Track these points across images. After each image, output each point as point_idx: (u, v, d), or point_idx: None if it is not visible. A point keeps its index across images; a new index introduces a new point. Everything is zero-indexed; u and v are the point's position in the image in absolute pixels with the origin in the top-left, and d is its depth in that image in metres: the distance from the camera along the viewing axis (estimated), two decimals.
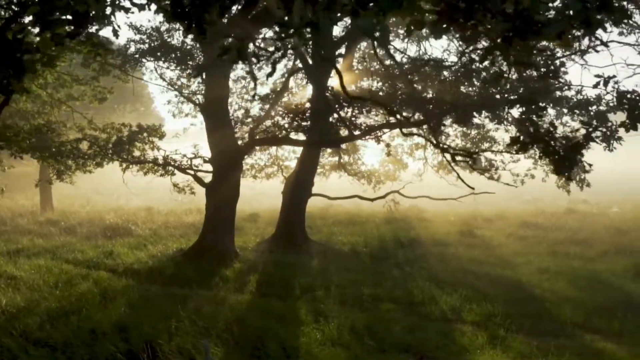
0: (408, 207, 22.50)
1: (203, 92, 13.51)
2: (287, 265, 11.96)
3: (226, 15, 11.20)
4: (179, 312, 7.67)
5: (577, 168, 15.61)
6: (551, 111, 15.46)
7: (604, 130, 9.25)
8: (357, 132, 11.33)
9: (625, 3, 10.35)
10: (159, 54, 13.92)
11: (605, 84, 4.34)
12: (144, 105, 47.57)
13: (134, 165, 14.09)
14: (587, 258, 13.21)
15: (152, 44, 13.98)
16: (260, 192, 28.35)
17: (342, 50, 14.93)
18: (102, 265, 11.95)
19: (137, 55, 13.87)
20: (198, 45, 13.24)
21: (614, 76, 4.44)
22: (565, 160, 3.35)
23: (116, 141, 13.24)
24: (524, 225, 18.59)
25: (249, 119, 12.09)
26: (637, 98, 4.48)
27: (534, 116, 3.36)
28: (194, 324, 7.23)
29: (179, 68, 14.76)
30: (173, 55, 13.91)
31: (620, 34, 12.43)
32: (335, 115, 12.51)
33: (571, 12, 2.56)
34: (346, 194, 17.63)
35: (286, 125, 12.07)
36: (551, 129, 3.59)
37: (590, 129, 3.70)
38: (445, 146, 10.27)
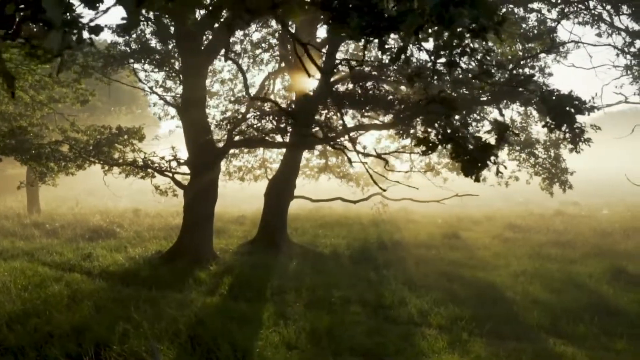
0: (397, 209, 22.45)
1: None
2: (263, 267, 11.92)
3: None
4: (140, 315, 7.66)
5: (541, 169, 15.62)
6: (535, 113, 15.44)
7: (575, 131, 9.22)
8: (332, 134, 11.29)
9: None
10: (137, 56, 13.90)
11: (526, 82, 4.27)
12: (140, 107, 47.65)
13: (115, 167, 14.11)
14: (567, 260, 13.12)
15: (134, 47, 13.96)
16: (251, 194, 28.35)
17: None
18: (78, 267, 11.94)
19: (117, 58, 13.83)
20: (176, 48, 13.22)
21: (534, 74, 4.36)
22: (477, 161, 3.30)
23: (95, 143, 13.25)
24: (510, 227, 18.51)
25: (225, 121, 12.04)
26: (559, 98, 4.40)
27: (444, 115, 3.31)
28: (153, 327, 7.21)
29: (162, 70, 14.74)
30: (153, 57, 13.89)
31: (598, 35, 12.37)
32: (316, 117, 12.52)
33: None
34: (336, 196, 17.59)
35: (262, 127, 12.05)
36: (462, 129, 3.54)
37: (502, 129, 3.64)
38: (340, 146, 10.26)
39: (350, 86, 10.62)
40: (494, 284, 10.77)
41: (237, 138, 12.70)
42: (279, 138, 12.46)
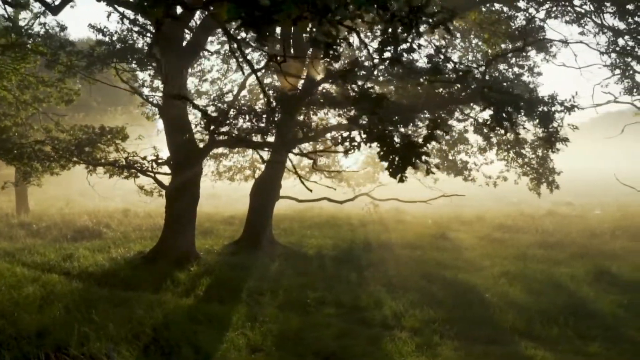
0: (388, 209, 22.35)
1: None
2: (243, 268, 11.83)
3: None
4: (104, 316, 7.56)
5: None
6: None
7: (548, 131, 9.08)
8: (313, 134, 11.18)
9: None
10: (121, 55, 13.83)
11: (464, 78, 4.16)
12: (138, 107, 47.46)
13: (99, 167, 14.04)
14: (552, 261, 12.97)
15: (117, 46, 13.89)
16: (245, 194, 28.27)
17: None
18: (57, 268, 11.84)
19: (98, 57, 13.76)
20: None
21: (470, 71, 4.23)
22: (404, 161, 3.19)
23: (76, 143, 13.18)
24: (499, 227, 18.38)
25: (205, 121, 11.94)
26: (503, 95, 4.26)
27: (371, 113, 3.19)
28: (120, 328, 7.10)
29: (145, 70, 14.68)
30: (136, 57, 13.82)
31: (581, 33, 12.22)
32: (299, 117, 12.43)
33: None
34: (327, 196, 17.46)
35: (244, 126, 11.96)
36: (390, 127, 3.41)
37: (432, 127, 3.51)
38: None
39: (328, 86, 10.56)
40: (474, 286, 10.64)
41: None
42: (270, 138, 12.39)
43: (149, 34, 13.14)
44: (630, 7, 12.05)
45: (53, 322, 7.45)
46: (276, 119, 12.90)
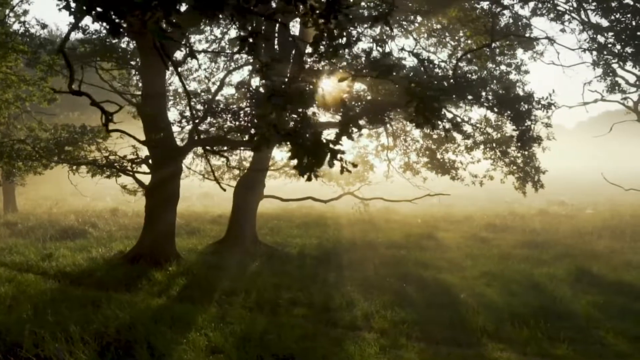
0: (379, 208, 22.25)
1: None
2: (221, 268, 11.74)
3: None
4: (70, 317, 7.48)
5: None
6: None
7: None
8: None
9: None
10: (104, 55, 13.76)
11: (388, 72, 4.03)
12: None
13: (82, 166, 13.97)
14: (536, 261, 12.83)
15: (97, 46, 13.82)
16: None
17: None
18: (35, 267, 11.80)
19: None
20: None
21: (392, 65, 4.12)
22: (315, 159, 3.09)
23: (55, 142, 13.12)
24: (488, 227, 18.24)
25: (182, 119, 11.88)
26: (424, 89, 4.14)
27: (282, 109, 3.08)
28: (81, 329, 7.01)
29: (124, 68, 14.62)
30: (117, 56, 13.76)
31: (562, 30, 12.08)
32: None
33: None
34: (317, 195, 17.35)
35: (223, 125, 11.87)
36: (301, 124, 3.28)
37: (344, 124, 3.40)
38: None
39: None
40: (451, 286, 10.52)
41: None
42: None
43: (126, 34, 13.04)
44: (613, 3, 11.89)
45: (15, 322, 7.37)
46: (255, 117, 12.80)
